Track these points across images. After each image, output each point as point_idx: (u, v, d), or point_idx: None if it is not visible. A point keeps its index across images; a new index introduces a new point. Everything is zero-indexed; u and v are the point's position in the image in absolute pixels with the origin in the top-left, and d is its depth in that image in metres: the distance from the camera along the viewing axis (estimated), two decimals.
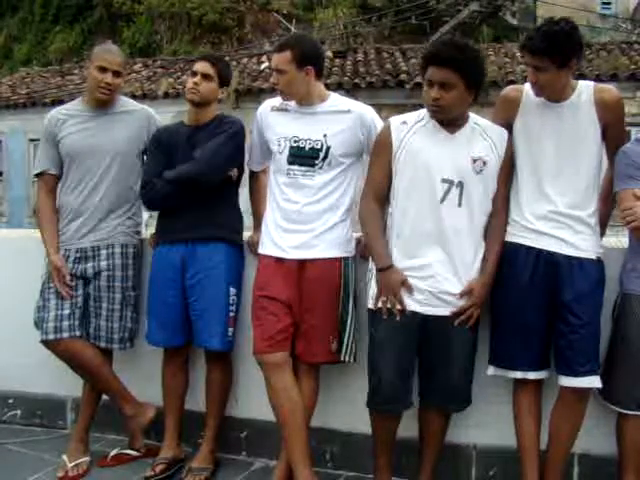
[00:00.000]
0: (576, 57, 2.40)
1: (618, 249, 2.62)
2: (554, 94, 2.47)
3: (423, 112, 2.51)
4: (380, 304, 2.48)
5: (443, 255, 2.45)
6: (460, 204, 2.44)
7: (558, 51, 2.35)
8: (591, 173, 2.50)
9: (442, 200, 2.43)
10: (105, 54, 2.92)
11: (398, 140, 2.49)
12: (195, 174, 2.79)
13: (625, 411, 2.51)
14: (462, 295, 2.45)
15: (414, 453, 2.70)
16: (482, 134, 2.49)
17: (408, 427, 2.66)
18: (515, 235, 2.54)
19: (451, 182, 2.43)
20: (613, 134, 2.53)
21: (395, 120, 2.54)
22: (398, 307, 2.44)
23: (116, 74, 2.90)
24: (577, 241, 2.47)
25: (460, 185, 2.43)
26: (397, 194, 2.51)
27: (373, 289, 2.53)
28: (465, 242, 2.46)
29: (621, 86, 10.57)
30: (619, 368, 2.50)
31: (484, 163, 2.46)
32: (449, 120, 2.46)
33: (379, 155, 2.55)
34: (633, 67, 11.99)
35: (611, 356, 2.53)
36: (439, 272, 2.45)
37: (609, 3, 18.72)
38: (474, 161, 2.45)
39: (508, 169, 2.53)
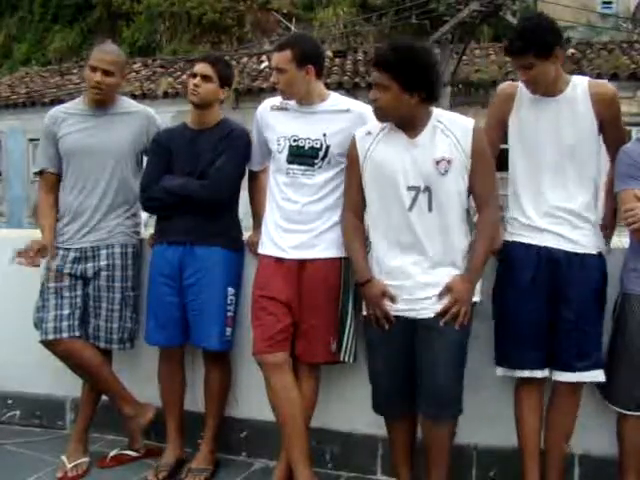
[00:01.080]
0: (559, 46, 2.38)
1: (619, 249, 2.61)
2: (548, 88, 2.45)
3: None
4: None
5: (420, 261, 2.41)
6: (430, 209, 2.40)
7: (537, 44, 2.34)
8: (590, 168, 2.49)
9: (410, 208, 2.40)
10: (97, 53, 2.91)
11: (363, 152, 2.49)
12: (207, 197, 2.80)
13: (625, 411, 2.50)
14: (441, 295, 2.39)
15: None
16: (444, 131, 2.42)
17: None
18: (514, 234, 2.53)
19: (417, 188, 2.40)
20: (611, 133, 2.51)
21: (360, 131, 2.54)
22: (383, 316, 2.43)
23: (106, 73, 2.87)
24: (577, 237, 2.46)
25: (427, 190, 2.39)
26: (369, 205, 2.52)
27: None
28: (442, 245, 2.41)
29: (621, 85, 10.57)
30: (619, 368, 2.49)
31: (449, 162, 2.39)
32: (403, 123, 2.43)
33: (349, 169, 2.57)
34: (634, 67, 12.01)
35: (611, 356, 2.53)
36: (418, 279, 2.41)
37: (610, 2, 18.74)
38: (437, 163, 2.39)
39: (484, 160, 2.43)
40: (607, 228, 2.61)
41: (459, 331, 2.40)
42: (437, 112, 2.46)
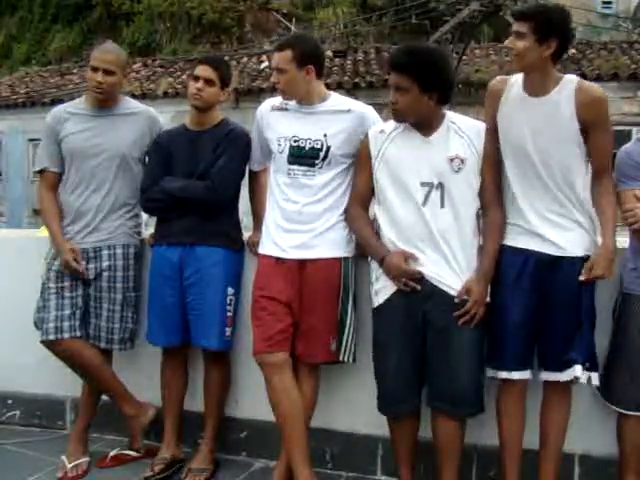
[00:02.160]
0: (557, 38, 2.31)
1: (619, 249, 2.61)
2: (527, 69, 2.38)
3: None
4: (383, 299, 2.51)
5: (435, 256, 2.45)
6: (443, 205, 2.45)
7: (538, 19, 2.29)
8: (574, 172, 2.42)
9: (424, 203, 2.45)
10: (97, 53, 2.91)
11: (376, 149, 2.54)
12: (209, 199, 2.80)
13: (625, 411, 2.50)
14: (460, 297, 2.43)
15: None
16: (458, 132, 2.49)
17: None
18: (506, 238, 2.51)
19: (430, 185, 2.45)
20: (594, 139, 2.39)
21: (373, 130, 2.59)
22: (412, 276, 2.42)
23: (107, 72, 2.87)
24: (562, 240, 2.42)
25: (440, 186, 2.45)
26: (381, 201, 2.55)
27: (375, 287, 2.55)
28: (455, 241, 2.45)
29: (622, 86, 10.56)
30: (619, 368, 2.50)
31: (462, 161, 2.46)
32: (419, 123, 2.48)
33: (360, 165, 2.61)
34: (634, 67, 11.97)
35: (612, 356, 2.53)
36: (434, 270, 2.45)
37: (610, 2, 18.73)
38: (451, 160, 2.45)
39: (490, 161, 2.48)
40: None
41: (475, 329, 2.44)
42: (449, 114, 2.53)
